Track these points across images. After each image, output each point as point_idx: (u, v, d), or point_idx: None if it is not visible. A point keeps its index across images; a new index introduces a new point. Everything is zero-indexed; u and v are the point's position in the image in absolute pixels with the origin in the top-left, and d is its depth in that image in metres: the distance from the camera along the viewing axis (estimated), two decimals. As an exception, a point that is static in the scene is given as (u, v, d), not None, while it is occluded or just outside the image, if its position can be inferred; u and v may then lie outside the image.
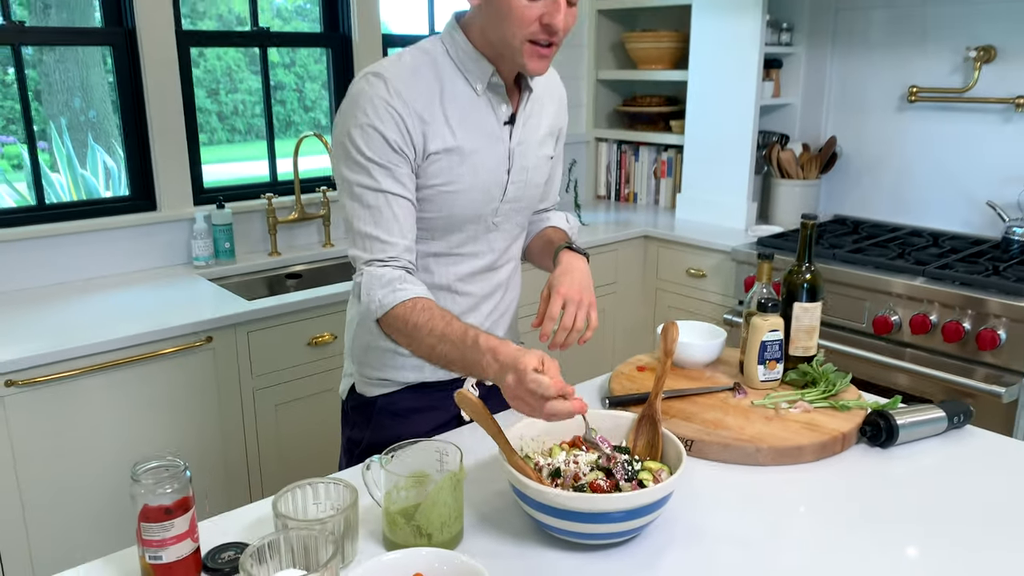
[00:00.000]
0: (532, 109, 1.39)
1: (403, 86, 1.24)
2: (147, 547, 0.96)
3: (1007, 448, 1.35)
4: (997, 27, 2.62)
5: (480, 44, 1.28)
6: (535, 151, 1.40)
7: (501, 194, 1.35)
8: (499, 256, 1.42)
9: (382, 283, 1.22)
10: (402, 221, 1.25)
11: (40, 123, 2.41)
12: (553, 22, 1.18)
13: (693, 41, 3.11)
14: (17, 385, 1.80)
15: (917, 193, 2.91)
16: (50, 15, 2.37)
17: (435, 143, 1.25)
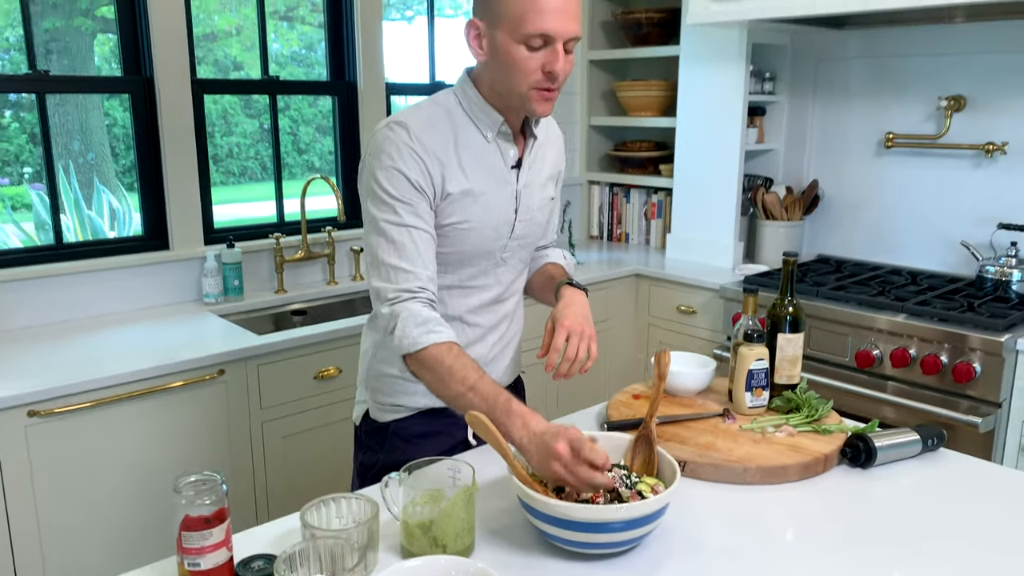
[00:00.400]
0: (536, 154, 1.51)
1: (423, 134, 1.36)
2: (187, 555, 1.04)
3: (978, 469, 1.45)
4: (966, 78, 2.78)
5: (489, 96, 1.41)
6: (539, 192, 1.52)
7: (509, 232, 1.46)
8: (506, 289, 1.53)
9: (417, 321, 1.31)
10: (424, 253, 1.35)
11: (35, 165, 2.50)
12: (554, 69, 1.31)
13: (681, 90, 3.27)
14: (39, 415, 1.88)
15: (896, 234, 3.05)
16: (52, 61, 2.47)
17: (452, 185, 1.37)
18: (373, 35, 2.97)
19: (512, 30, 1.29)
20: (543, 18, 1.27)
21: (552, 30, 1.28)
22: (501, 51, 1.32)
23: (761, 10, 2.61)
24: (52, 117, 2.53)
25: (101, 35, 2.58)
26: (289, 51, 3.02)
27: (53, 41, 2.43)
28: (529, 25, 1.27)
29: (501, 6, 1.30)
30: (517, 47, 1.30)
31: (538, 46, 1.30)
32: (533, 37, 1.28)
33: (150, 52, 2.49)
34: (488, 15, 1.33)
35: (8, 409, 1.84)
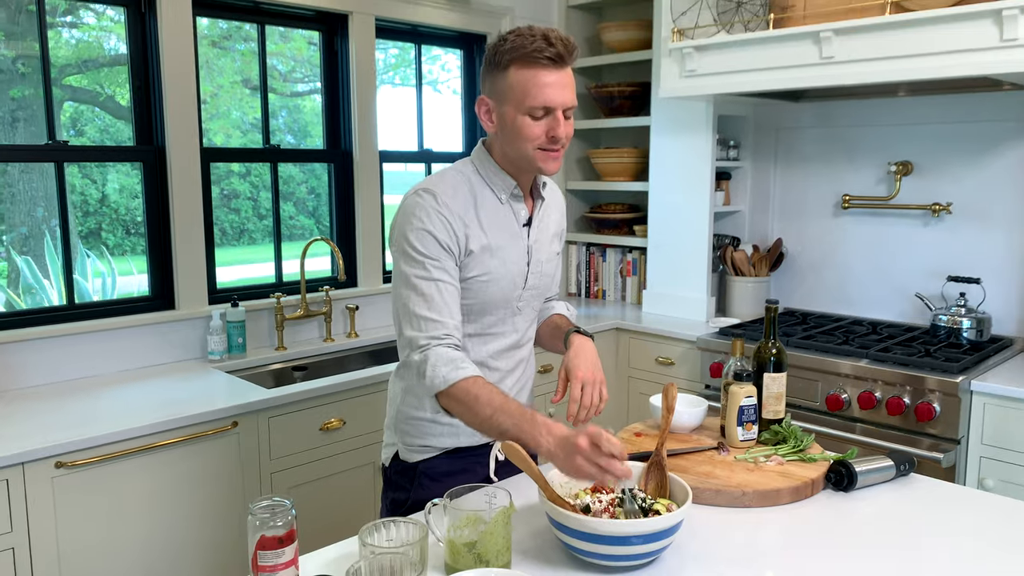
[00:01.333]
0: (543, 214, 1.70)
1: (448, 199, 1.53)
2: (262, 572, 1.16)
3: (945, 490, 1.62)
4: (912, 146, 3.07)
5: (501, 162, 1.60)
6: (547, 247, 1.70)
7: (523, 282, 1.63)
8: (522, 336, 1.69)
9: (446, 360, 1.45)
10: (450, 304, 1.51)
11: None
12: (556, 134, 1.50)
13: (652, 157, 3.52)
14: (66, 467, 1.96)
15: (856, 287, 3.29)
16: (18, 129, 2.54)
17: (473, 243, 1.54)
18: (368, 106, 3.17)
19: (518, 104, 1.49)
20: (543, 92, 1.47)
21: (551, 102, 1.48)
22: (509, 122, 1.51)
23: (724, 86, 2.87)
24: (16, 184, 2.60)
25: (68, 104, 2.70)
26: (252, 118, 3.13)
27: (20, 110, 2.53)
28: (531, 99, 1.47)
29: (506, 85, 1.49)
30: (523, 118, 1.49)
31: (540, 116, 1.49)
32: (536, 109, 1.48)
33: (162, 123, 2.65)
34: (496, 93, 1.52)
35: (37, 461, 1.92)
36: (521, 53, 1.46)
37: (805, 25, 2.60)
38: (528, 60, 1.46)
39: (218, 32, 2.91)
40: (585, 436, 1.29)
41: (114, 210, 2.76)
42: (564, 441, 1.32)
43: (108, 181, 2.75)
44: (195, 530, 2.20)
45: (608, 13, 3.99)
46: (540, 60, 1.46)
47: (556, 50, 1.46)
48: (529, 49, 1.46)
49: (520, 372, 1.71)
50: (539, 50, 1.45)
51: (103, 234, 2.81)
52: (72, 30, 2.61)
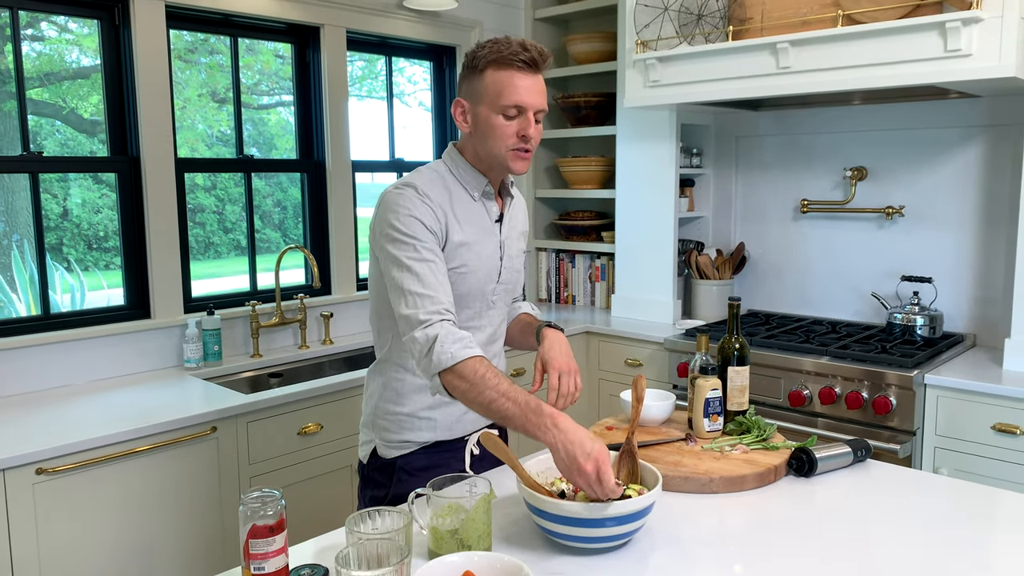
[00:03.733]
0: (512, 212, 1.78)
1: (428, 192, 1.60)
2: (253, 560, 1.20)
3: (898, 474, 1.72)
4: (866, 152, 3.21)
5: (473, 161, 1.67)
6: (515, 244, 1.78)
7: (497, 276, 1.71)
8: (495, 330, 1.76)
9: (454, 338, 1.47)
10: (443, 283, 1.55)
11: None
12: (527, 133, 1.58)
13: (618, 165, 3.62)
14: (47, 473, 1.98)
15: (815, 289, 3.41)
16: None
17: (453, 234, 1.61)
18: (339, 117, 3.22)
19: (492, 103, 1.57)
20: (517, 92, 1.56)
21: (524, 102, 1.57)
22: (483, 122, 1.59)
23: (686, 95, 2.97)
24: None
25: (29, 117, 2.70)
26: (217, 131, 3.16)
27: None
28: (505, 99, 1.56)
29: (482, 86, 1.58)
30: (496, 117, 1.57)
31: (513, 115, 1.57)
32: (509, 108, 1.56)
33: (137, 134, 2.68)
34: (472, 95, 1.61)
35: (17, 467, 1.94)
36: (498, 56, 1.56)
37: (762, 37, 2.72)
38: (504, 63, 1.56)
39: (183, 45, 2.95)
40: (593, 464, 1.30)
41: (76, 224, 2.77)
42: (569, 452, 1.32)
43: (70, 196, 2.76)
44: (175, 534, 2.23)
45: (574, 26, 4.09)
46: (515, 63, 1.55)
47: (531, 55, 1.56)
48: (506, 53, 1.55)
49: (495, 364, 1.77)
50: (515, 53, 1.55)
51: (64, 249, 2.81)
52: (34, 43, 2.63)
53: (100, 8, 2.63)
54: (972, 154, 2.97)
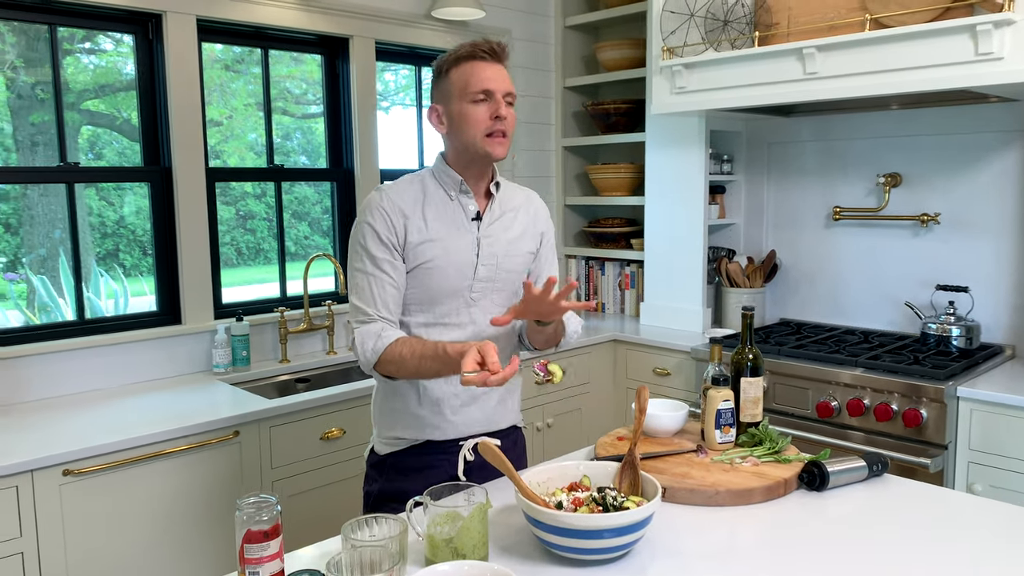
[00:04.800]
0: (501, 214, 1.78)
1: (394, 194, 1.70)
2: (248, 564, 1.22)
3: (916, 490, 1.67)
4: (900, 158, 3.13)
5: (453, 162, 1.74)
6: (505, 244, 1.76)
7: (472, 272, 1.72)
8: (482, 329, 1.74)
9: (370, 335, 1.62)
10: (379, 297, 1.66)
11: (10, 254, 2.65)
12: (500, 113, 1.64)
13: (648, 172, 3.59)
14: (73, 474, 2.04)
15: (848, 297, 3.34)
16: (37, 153, 2.65)
17: (413, 235, 1.68)
18: (368, 126, 3.26)
19: (461, 95, 1.65)
20: (482, 79, 1.64)
21: (491, 86, 1.64)
22: (456, 116, 1.67)
23: (712, 101, 2.94)
24: (36, 207, 2.70)
25: (84, 127, 2.81)
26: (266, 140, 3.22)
27: (40, 134, 2.63)
28: (472, 86, 1.64)
29: (450, 84, 1.67)
30: (467, 106, 1.65)
31: (482, 100, 1.64)
32: (477, 94, 1.64)
33: (169, 145, 2.75)
34: (443, 97, 1.69)
35: (45, 468, 2.00)
36: (457, 55, 1.67)
37: (789, 42, 2.68)
38: (464, 58, 1.66)
39: (232, 56, 3.03)
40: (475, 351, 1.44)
41: (131, 231, 2.86)
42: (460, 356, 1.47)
43: (125, 203, 2.85)
44: (197, 536, 2.28)
45: (604, 33, 4.08)
46: (476, 54, 1.65)
47: (489, 46, 1.66)
48: (464, 51, 1.66)
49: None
50: (474, 46, 1.65)
51: (120, 255, 2.92)
52: (90, 56, 2.73)
53: (135, 23, 2.71)
54: (1011, 159, 2.88)
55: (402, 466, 1.73)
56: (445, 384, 1.73)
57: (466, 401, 1.75)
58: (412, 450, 1.74)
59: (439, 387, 1.73)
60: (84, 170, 2.65)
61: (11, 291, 2.78)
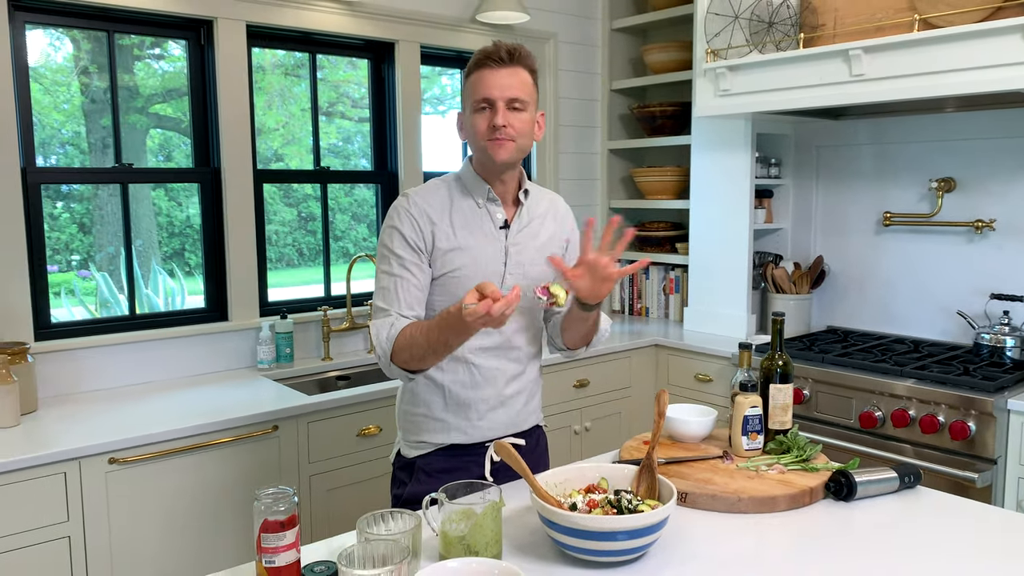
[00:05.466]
0: (529, 221, 1.78)
1: (421, 200, 1.71)
2: (264, 553, 1.26)
3: (951, 504, 1.62)
4: (954, 162, 3.04)
5: (477, 168, 1.75)
6: (531, 251, 1.76)
7: (500, 280, 1.72)
8: (508, 339, 1.74)
9: (384, 325, 1.63)
10: (403, 298, 1.66)
11: (84, 252, 2.79)
12: (495, 122, 1.63)
13: (693, 175, 3.56)
14: (119, 463, 2.13)
15: (898, 305, 3.25)
16: (108, 154, 2.76)
17: (441, 242, 1.69)
18: (413, 129, 3.31)
19: (468, 105, 1.69)
20: (483, 87, 1.65)
21: (489, 95, 1.64)
22: (467, 125, 1.70)
23: (757, 104, 2.90)
24: (106, 207, 2.82)
25: (153, 130, 2.92)
26: (328, 143, 3.33)
27: (110, 137, 2.76)
28: (475, 95, 1.66)
29: (464, 92, 1.71)
30: (473, 115, 1.68)
31: (483, 108, 1.66)
32: (479, 102, 1.66)
33: (219, 147, 2.84)
34: (462, 105, 1.73)
35: (92, 456, 2.09)
36: (472, 63, 1.68)
37: (835, 44, 2.63)
38: (477, 65, 1.67)
39: (292, 62, 3.12)
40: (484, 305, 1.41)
41: (196, 231, 2.97)
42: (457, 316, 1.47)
43: (191, 204, 2.96)
44: (233, 526, 2.34)
45: (651, 35, 4.06)
46: (485, 63, 1.65)
47: (499, 53, 1.65)
48: (476, 57, 1.67)
49: (516, 372, 1.77)
50: (486, 54, 1.66)
51: (186, 254, 3.03)
52: (159, 62, 2.85)
53: (187, 29, 2.81)
54: (1072, 164, 2.76)
55: (430, 469, 1.75)
56: (472, 390, 1.73)
57: (493, 405, 1.76)
58: (439, 453, 1.76)
59: (466, 392, 1.73)
60: (137, 171, 2.76)
61: (76, 288, 2.92)
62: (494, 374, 1.75)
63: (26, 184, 2.50)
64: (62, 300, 3.01)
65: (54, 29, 2.61)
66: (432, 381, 1.74)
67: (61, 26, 2.60)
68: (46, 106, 2.65)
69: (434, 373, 1.73)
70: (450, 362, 1.72)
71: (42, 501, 2.02)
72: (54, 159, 2.67)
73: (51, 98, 2.67)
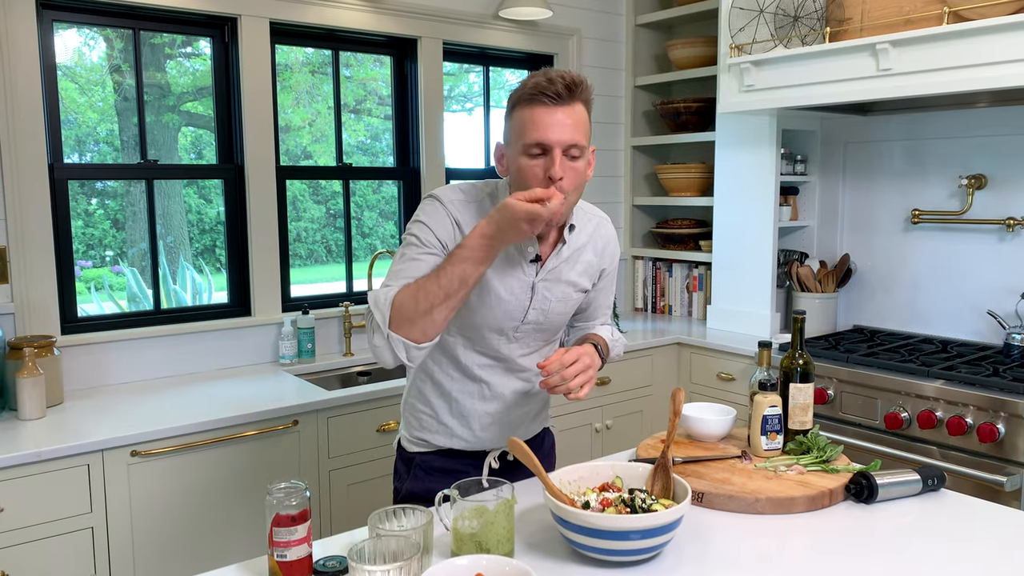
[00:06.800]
0: (569, 255, 1.63)
1: (453, 209, 1.57)
2: (276, 547, 1.27)
3: (976, 508, 1.59)
4: (985, 158, 2.97)
5: None
6: (561, 287, 1.64)
7: (522, 316, 1.61)
8: (514, 362, 1.68)
9: (381, 293, 1.48)
10: (411, 276, 1.49)
11: (117, 248, 2.83)
12: (552, 173, 1.45)
13: (717, 172, 3.52)
14: (141, 455, 2.15)
15: (926, 304, 3.18)
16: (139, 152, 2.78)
17: None
18: (435, 126, 3.31)
19: (516, 144, 1.49)
20: (538, 129, 1.44)
21: (545, 139, 1.44)
22: (513, 165, 1.51)
23: (782, 100, 2.86)
24: (138, 204, 2.85)
25: (185, 128, 2.96)
26: (356, 141, 3.36)
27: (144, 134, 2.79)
28: (527, 136, 1.46)
29: (511, 127, 1.51)
30: (521, 158, 1.48)
31: (536, 154, 1.46)
32: (531, 147, 1.46)
33: (242, 144, 2.86)
34: (507, 138, 1.54)
35: (115, 448, 2.12)
36: (523, 93, 1.47)
37: (862, 37, 2.58)
38: (528, 100, 1.46)
39: (320, 60, 3.14)
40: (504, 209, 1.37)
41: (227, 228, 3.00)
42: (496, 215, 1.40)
43: (223, 202, 2.99)
44: (254, 519, 2.36)
45: (676, 31, 4.02)
46: (538, 98, 1.44)
47: (556, 88, 1.44)
48: (529, 87, 1.46)
49: (524, 396, 1.72)
50: (538, 86, 1.45)
51: (217, 251, 3.07)
52: (190, 60, 2.89)
53: (212, 27, 2.83)
54: (1108, 160, 2.69)
55: (427, 467, 1.73)
56: (480, 402, 1.68)
57: (497, 420, 1.70)
58: (438, 454, 1.73)
59: (473, 404, 1.68)
60: (161, 167, 2.79)
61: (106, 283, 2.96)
62: (503, 391, 1.69)
63: (53, 180, 2.54)
64: (93, 295, 3.06)
65: (88, 28, 2.65)
66: (440, 387, 1.69)
67: (88, 24, 2.64)
68: (81, 105, 2.70)
69: (443, 380, 1.68)
70: (459, 374, 1.66)
71: (66, 492, 2.06)
72: (89, 156, 2.71)
73: (87, 97, 2.71)
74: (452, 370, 1.68)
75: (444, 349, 1.67)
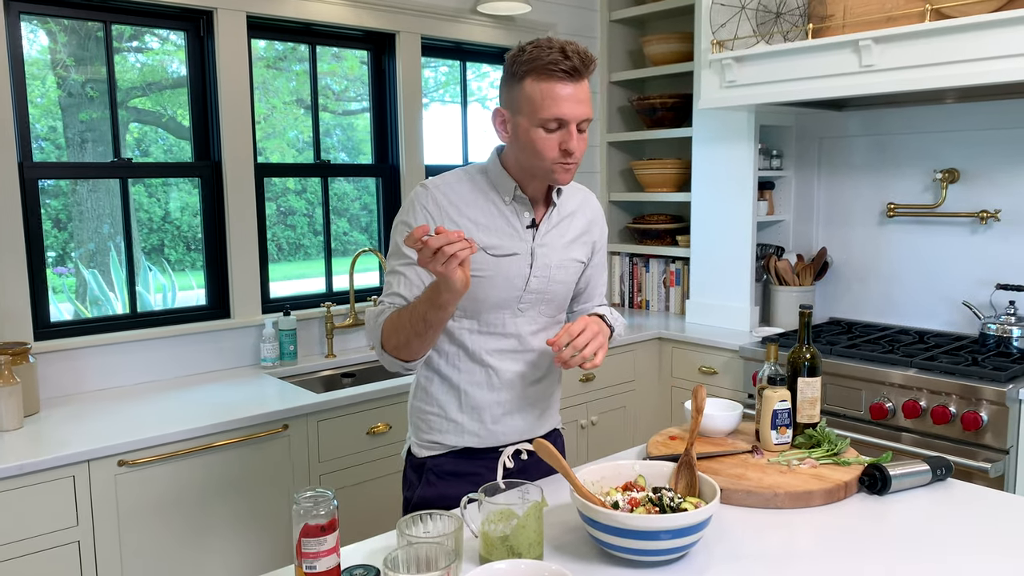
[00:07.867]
0: (559, 220, 1.69)
1: (440, 195, 1.60)
2: (305, 559, 1.22)
3: (983, 495, 1.62)
4: (958, 152, 3.04)
5: (512, 168, 1.61)
6: (559, 253, 1.68)
7: (524, 284, 1.64)
8: (527, 340, 1.68)
9: (374, 315, 1.59)
10: (403, 294, 1.58)
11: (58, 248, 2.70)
12: (569, 147, 1.51)
13: (695, 168, 3.54)
14: (128, 464, 2.07)
15: (902, 296, 3.25)
16: (87, 150, 2.69)
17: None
18: (414, 122, 3.27)
19: (531, 116, 1.51)
20: (557, 105, 1.48)
21: (565, 115, 1.49)
22: (523, 135, 1.53)
23: (764, 96, 2.88)
24: (85, 203, 2.73)
25: (133, 125, 2.84)
26: (308, 137, 3.24)
27: (88, 131, 2.66)
28: (545, 112, 1.49)
29: (522, 97, 1.51)
30: (536, 131, 1.51)
31: (554, 128, 1.51)
32: (549, 121, 1.50)
33: (219, 140, 2.78)
34: (512, 105, 1.55)
35: (101, 459, 2.04)
36: (536, 65, 1.48)
37: (844, 34, 2.61)
38: (543, 72, 1.48)
39: (274, 54, 3.05)
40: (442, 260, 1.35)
41: (176, 227, 2.90)
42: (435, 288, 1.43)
43: (171, 199, 2.89)
44: (246, 527, 2.30)
45: (650, 27, 4.04)
46: (555, 73, 1.47)
47: (572, 63, 1.47)
48: (545, 61, 1.47)
49: (535, 377, 1.72)
50: (555, 62, 1.47)
51: (166, 250, 2.96)
52: (137, 55, 2.77)
53: (187, 20, 2.74)
54: (1077, 154, 2.78)
55: (440, 471, 1.69)
56: (489, 392, 1.67)
57: (509, 410, 1.69)
58: (450, 455, 1.70)
59: (483, 395, 1.67)
60: (137, 166, 2.69)
61: (63, 285, 2.84)
62: (511, 377, 1.68)
63: (23, 179, 2.43)
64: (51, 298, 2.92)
65: (49, 20, 2.53)
66: (448, 382, 1.68)
67: (57, 16, 2.52)
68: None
69: (450, 373, 1.67)
70: (467, 363, 1.66)
71: (50, 506, 1.97)
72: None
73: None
74: (459, 359, 1.66)
75: (452, 339, 1.66)
